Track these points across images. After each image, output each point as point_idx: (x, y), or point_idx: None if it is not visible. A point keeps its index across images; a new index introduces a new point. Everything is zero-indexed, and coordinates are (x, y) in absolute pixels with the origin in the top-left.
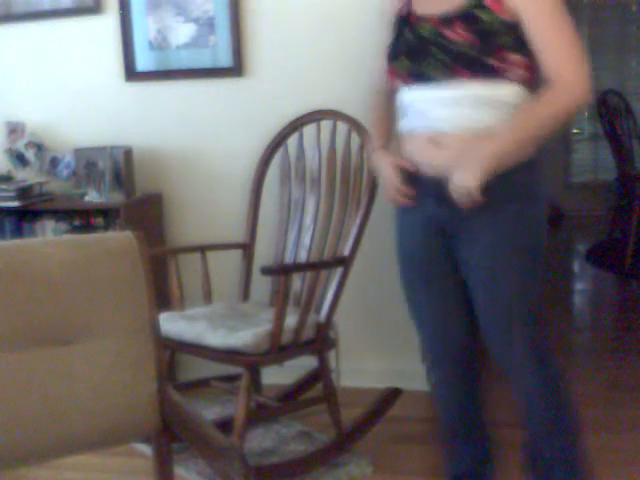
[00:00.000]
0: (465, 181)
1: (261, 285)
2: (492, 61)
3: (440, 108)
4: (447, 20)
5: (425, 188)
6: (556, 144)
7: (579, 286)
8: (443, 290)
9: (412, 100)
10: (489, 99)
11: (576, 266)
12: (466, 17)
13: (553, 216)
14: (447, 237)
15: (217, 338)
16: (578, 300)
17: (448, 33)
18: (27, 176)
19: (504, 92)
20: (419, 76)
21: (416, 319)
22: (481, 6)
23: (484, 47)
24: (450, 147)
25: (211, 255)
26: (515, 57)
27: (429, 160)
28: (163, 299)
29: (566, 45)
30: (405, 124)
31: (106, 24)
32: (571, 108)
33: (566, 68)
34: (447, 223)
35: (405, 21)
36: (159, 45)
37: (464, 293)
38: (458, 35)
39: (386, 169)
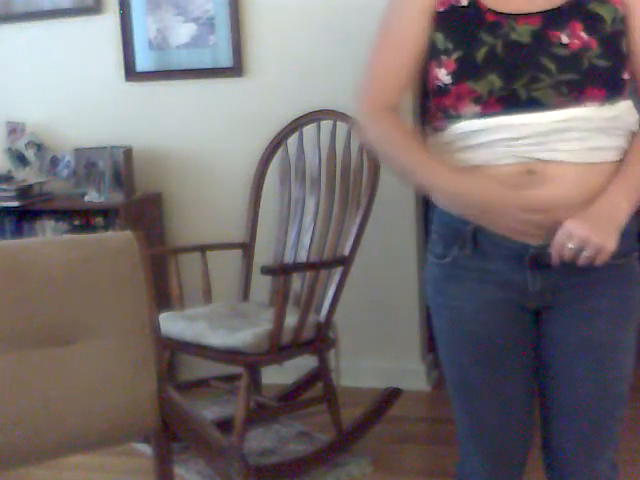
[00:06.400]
0: (604, 243)
1: (261, 285)
2: (625, 74)
3: (541, 137)
4: (557, 19)
5: (500, 246)
6: None
7: None
8: (516, 379)
9: (496, 127)
10: (609, 123)
11: None
12: (583, 14)
13: None
14: (531, 311)
15: (217, 338)
16: None
17: (564, 38)
18: (27, 176)
19: (624, 112)
20: (516, 101)
21: (472, 420)
22: None
23: (614, 55)
24: (563, 184)
25: (211, 255)
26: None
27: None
28: (163, 299)
29: None
30: (478, 157)
31: (106, 24)
32: None
33: None
34: (536, 294)
35: (473, 18)
36: (159, 45)
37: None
38: (580, 40)
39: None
